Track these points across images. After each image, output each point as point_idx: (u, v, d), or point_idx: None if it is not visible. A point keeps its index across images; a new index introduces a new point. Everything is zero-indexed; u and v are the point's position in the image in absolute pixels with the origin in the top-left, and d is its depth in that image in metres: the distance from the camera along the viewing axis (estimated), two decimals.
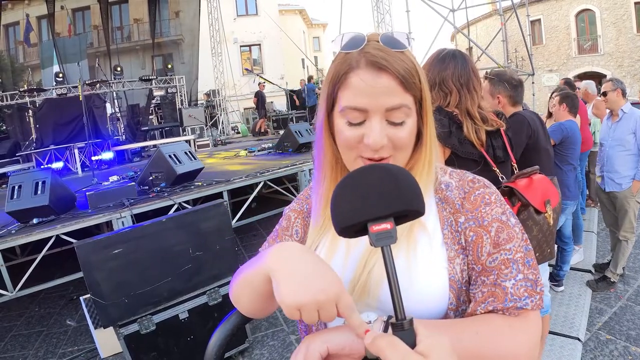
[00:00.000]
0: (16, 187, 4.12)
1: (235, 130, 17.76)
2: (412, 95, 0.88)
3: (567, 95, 4.28)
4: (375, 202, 0.67)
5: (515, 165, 2.03)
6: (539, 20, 26.01)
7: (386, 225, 0.66)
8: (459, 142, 1.80)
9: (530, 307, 0.84)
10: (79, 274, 3.93)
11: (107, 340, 3.83)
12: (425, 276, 0.87)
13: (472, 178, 0.98)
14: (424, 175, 0.94)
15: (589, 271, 4.73)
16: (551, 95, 5.05)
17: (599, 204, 6.42)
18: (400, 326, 0.63)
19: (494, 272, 0.87)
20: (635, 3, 22.23)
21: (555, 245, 4.11)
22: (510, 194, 1.79)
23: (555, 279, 4.26)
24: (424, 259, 0.88)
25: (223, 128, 16.98)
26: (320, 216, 1.03)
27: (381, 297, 0.87)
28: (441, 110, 1.87)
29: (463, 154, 1.81)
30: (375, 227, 0.66)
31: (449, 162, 1.79)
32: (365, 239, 0.75)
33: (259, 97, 15.81)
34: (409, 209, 0.68)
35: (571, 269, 4.60)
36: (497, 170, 1.87)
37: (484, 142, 1.85)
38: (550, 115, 4.91)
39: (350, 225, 0.68)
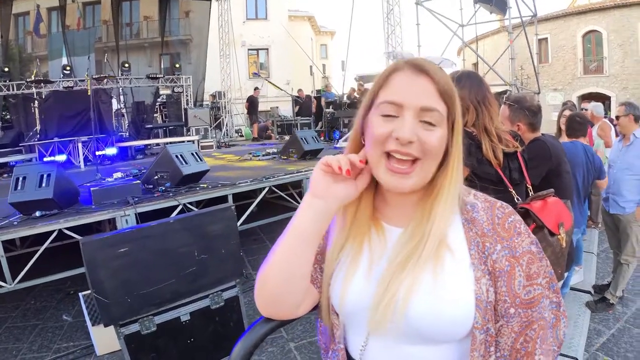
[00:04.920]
0: (20, 179, 4.11)
1: (239, 133, 17.76)
2: (447, 106, 0.92)
3: (569, 116, 4.27)
4: None
5: (530, 187, 2.04)
6: (546, 38, 26.07)
7: None
8: (477, 161, 1.81)
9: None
10: (79, 270, 3.92)
11: (103, 337, 3.81)
12: (452, 296, 0.89)
13: (500, 204, 1.00)
14: (450, 195, 0.95)
15: (589, 292, 4.72)
16: (561, 112, 5.08)
17: (599, 225, 6.47)
18: None
19: (529, 305, 0.92)
20: None
21: None
22: (525, 215, 1.80)
23: None
24: (452, 279, 0.90)
25: (227, 130, 16.99)
26: (341, 229, 1.05)
27: (409, 315, 0.89)
28: None
29: (481, 174, 1.82)
30: None
31: (467, 182, 1.79)
32: (389, 250, 0.90)
33: (251, 102, 15.87)
34: None
35: (571, 289, 4.59)
36: (513, 192, 1.89)
37: (501, 161, 1.86)
38: (560, 132, 4.94)
39: None
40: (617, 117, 4.33)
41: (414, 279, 0.88)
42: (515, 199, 1.88)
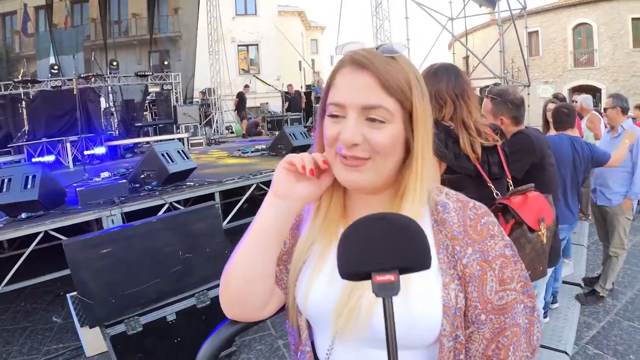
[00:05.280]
0: (5, 180, 4.09)
1: (230, 130, 17.71)
2: (397, 100, 0.87)
3: (556, 108, 4.23)
4: (382, 254, 0.67)
5: (511, 182, 2.02)
6: (536, 31, 26.15)
7: (390, 277, 0.66)
8: (455, 156, 1.79)
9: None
10: (67, 271, 3.90)
11: (92, 338, 3.79)
12: (419, 303, 0.86)
13: (473, 204, 0.96)
14: (417, 192, 0.91)
15: (579, 285, 4.74)
16: (546, 105, 5.06)
17: (590, 217, 6.50)
18: None
19: (501, 310, 0.90)
20: (633, 19, 22.41)
21: None
22: (504, 211, 1.78)
23: None
24: (418, 285, 0.86)
25: (217, 127, 16.94)
26: (310, 226, 1.03)
27: (373, 324, 0.86)
28: (437, 124, 1.86)
29: (459, 169, 1.80)
30: (379, 278, 0.66)
31: (444, 177, 1.78)
32: None
33: (240, 99, 15.88)
34: (414, 265, 0.68)
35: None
36: (492, 187, 1.87)
37: (480, 155, 1.84)
38: (547, 125, 4.92)
39: (354, 272, 0.69)
40: (605, 109, 4.34)
41: None
42: (495, 194, 1.87)
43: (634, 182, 4.14)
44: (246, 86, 16.49)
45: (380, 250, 0.67)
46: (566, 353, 3.45)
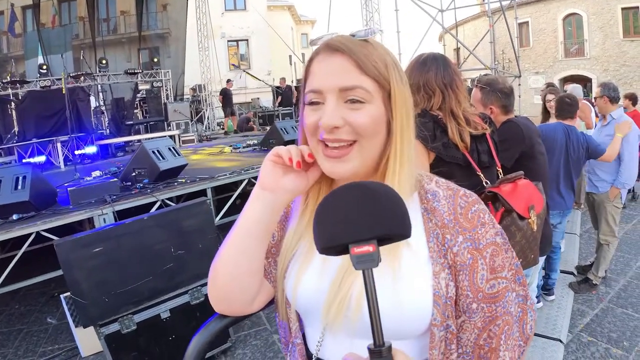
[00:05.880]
0: None
1: (221, 126, 17.66)
2: (374, 81, 0.86)
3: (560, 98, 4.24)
4: (358, 224, 0.64)
5: (500, 170, 2.02)
6: (526, 22, 26.21)
7: (368, 248, 0.63)
8: (443, 146, 1.79)
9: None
10: (60, 271, 3.87)
11: (87, 339, 3.77)
12: (409, 293, 0.85)
13: (464, 192, 0.95)
14: (396, 171, 0.90)
15: (572, 273, 4.77)
16: (545, 94, 5.08)
17: (582, 206, 6.53)
18: (378, 353, 0.62)
19: (492, 299, 0.89)
20: (622, 8, 22.49)
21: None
22: (493, 199, 1.78)
23: (545, 287, 4.18)
24: (409, 274, 0.86)
25: (209, 123, 16.89)
26: (298, 218, 1.02)
27: (363, 315, 0.84)
28: (426, 114, 1.86)
29: (447, 158, 1.79)
30: (356, 249, 0.63)
31: (433, 167, 1.77)
32: None
33: (224, 95, 15.64)
34: (392, 233, 0.65)
35: None
36: (482, 175, 1.87)
37: (468, 145, 1.83)
38: (547, 115, 4.95)
39: (331, 246, 0.66)
40: (595, 99, 4.37)
41: None
42: (484, 182, 1.87)
43: (621, 172, 4.16)
44: (229, 81, 16.22)
45: (356, 220, 0.64)
46: (560, 341, 3.48)
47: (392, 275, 0.84)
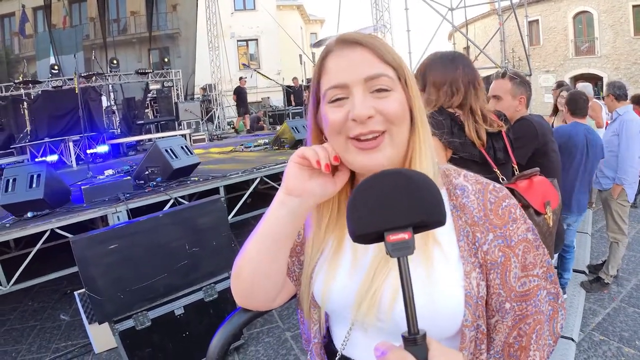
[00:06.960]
0: (10, 180, 4.08)
1: (231, 126, 17.70)
2: (393, 68, 0.86)
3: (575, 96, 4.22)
4: (394, 211, 0.62)
5: (516, 167, 2.03)
6: (536, 20, 26.03)
7: (404, 235, 0.61)
8: (460, 143, 1.79)
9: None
10: (73, 269, 3.91)
11: (101, 335, 3.81)
12: (441, 293, 0.83)
13: (493, 186, 0.93)
14: (422, 155, 0.89)
15: (583, 272, 4.74)
16: (559, 92, 5.06)
17: (593, 205, 6.50)
18: (413, 340, 0.61)
19: (523, 297, 0.88)
20: (634, 6, 22.27)
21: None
22: None
23: None
24: (440, 275, 0.84)
25: (219, 123, 16.93)
26: (323, 221, 0.99)
27: (395, 315, 0.84)
28: (442, 111, 1.86)
29: (464, 155, 1.80)
30: (392, 237, 0.62)
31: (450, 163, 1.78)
32: (372, 246, 0.73)
33: (239, 94, 15.52)
34: (429, 220, 0.64)
35: None
36: (498, 172, 1.87)
37: (485, 142, 1.84)
38: (556, 112, 4.94)
39: (366, 233, 0.64)
40: (604, 99, 4.38)
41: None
42: (501, 179, 1.87)
43: (619, 168, 4.15)
44: (241, 78, 16.10)
45: (392, 207, 0.62)
46: (572, 340, 3.46)
47: (425, 277, 0.83)
